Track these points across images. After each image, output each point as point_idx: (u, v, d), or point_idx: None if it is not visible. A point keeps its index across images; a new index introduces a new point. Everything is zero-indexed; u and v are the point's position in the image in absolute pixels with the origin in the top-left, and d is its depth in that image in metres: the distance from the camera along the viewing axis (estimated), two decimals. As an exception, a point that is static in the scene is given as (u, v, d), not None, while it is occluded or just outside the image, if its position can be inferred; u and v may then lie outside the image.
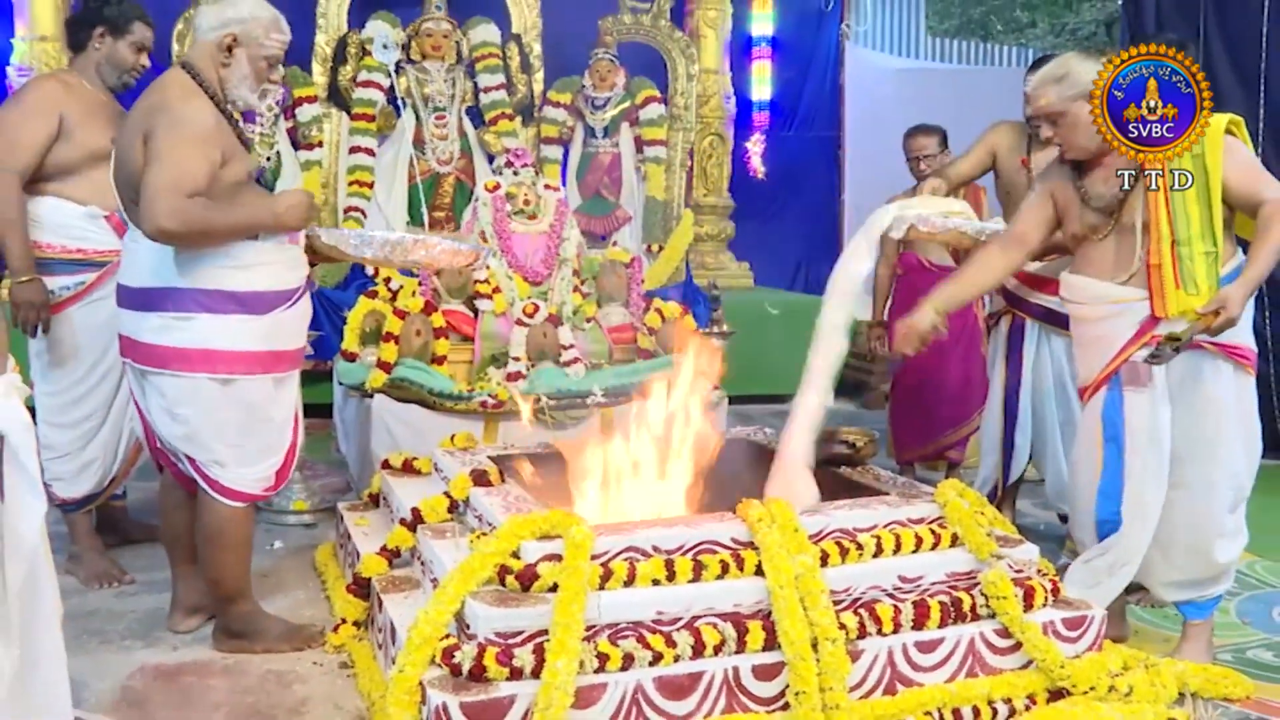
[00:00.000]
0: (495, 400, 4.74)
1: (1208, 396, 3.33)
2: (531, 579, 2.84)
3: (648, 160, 8.13)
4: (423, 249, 3.66)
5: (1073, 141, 3.44)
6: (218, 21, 3.36)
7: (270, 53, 3.43)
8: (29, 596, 2.24)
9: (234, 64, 3.36)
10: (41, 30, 7.05)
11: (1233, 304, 3.17)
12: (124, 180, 3.28)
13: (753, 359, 7.22)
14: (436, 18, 7.55)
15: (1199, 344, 3.27)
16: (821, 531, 3.13)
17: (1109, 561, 3.45)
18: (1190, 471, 3.37)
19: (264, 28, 3.40)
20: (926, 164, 5.29)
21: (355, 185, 7.37)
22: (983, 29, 18.14)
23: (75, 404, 4.06)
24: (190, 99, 3.24)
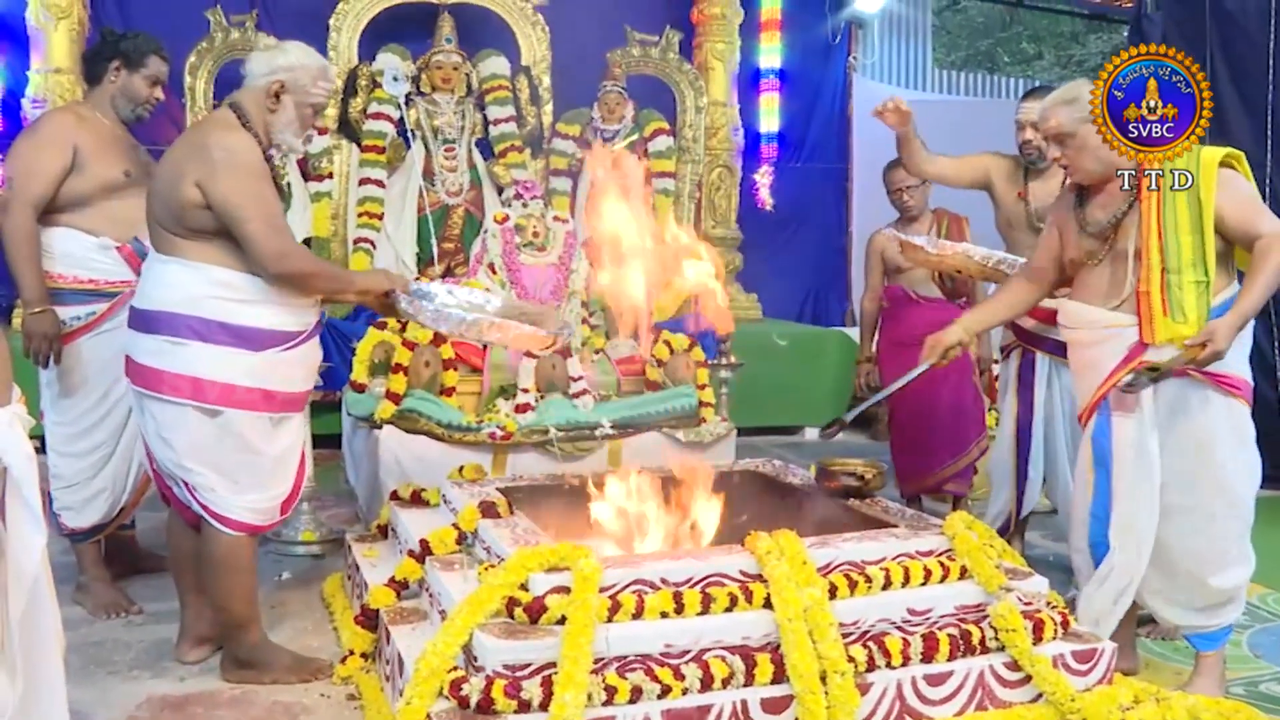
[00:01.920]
0: (504, 432, 4.75)
1: (1196, 425, 3.33)
2: (540, 611, 2.83)
3: (656, 192, 8.15)
4: (498, 331, 3.59)
5: (1079, 164, 3.46)
6: (267, 68, 3.43)
7: (316, 100, 3.51)
8: (30, 628, 2.23)
9: (280, 110, 3.43)
10: (56, 63, 7.13)
11: (1219, 338, 3.18)
12: (160, 205, 3.30)
13: (761, 390, 7.23)
14: (446, 50, 7.61)
15: (1187, 373, 3.27)
16: (830, 564, 3.12)
17: (1109, 590, 3.45)
18: (1182, 499, 3.36)
19: (311, 76, 3.48)
20: (909, 195, 5.30)
21: (365, 216, 7.40)
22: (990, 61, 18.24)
23: (85, 434, 4.07)
24: (241, 137, 3.31)
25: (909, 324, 5.27)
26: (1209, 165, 3.26)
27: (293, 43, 3.59)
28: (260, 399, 3.33)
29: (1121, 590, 3.44)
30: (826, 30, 9.88)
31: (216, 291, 3.25)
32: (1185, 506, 3.37)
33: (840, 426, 4.02)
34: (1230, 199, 3.27)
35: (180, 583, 3.67)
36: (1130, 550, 3.41)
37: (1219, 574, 3.39)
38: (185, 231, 3.26)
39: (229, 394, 3.28)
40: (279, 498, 3.47)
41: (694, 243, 3.74)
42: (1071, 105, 3.41)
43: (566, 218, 5.77)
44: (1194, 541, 3.38)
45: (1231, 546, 3.40)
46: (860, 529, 3.44)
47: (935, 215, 5.36)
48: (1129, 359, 3.35)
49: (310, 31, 7.35)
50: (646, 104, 8.21)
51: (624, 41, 8.21)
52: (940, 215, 5.35)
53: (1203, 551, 3.38)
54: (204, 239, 3.26)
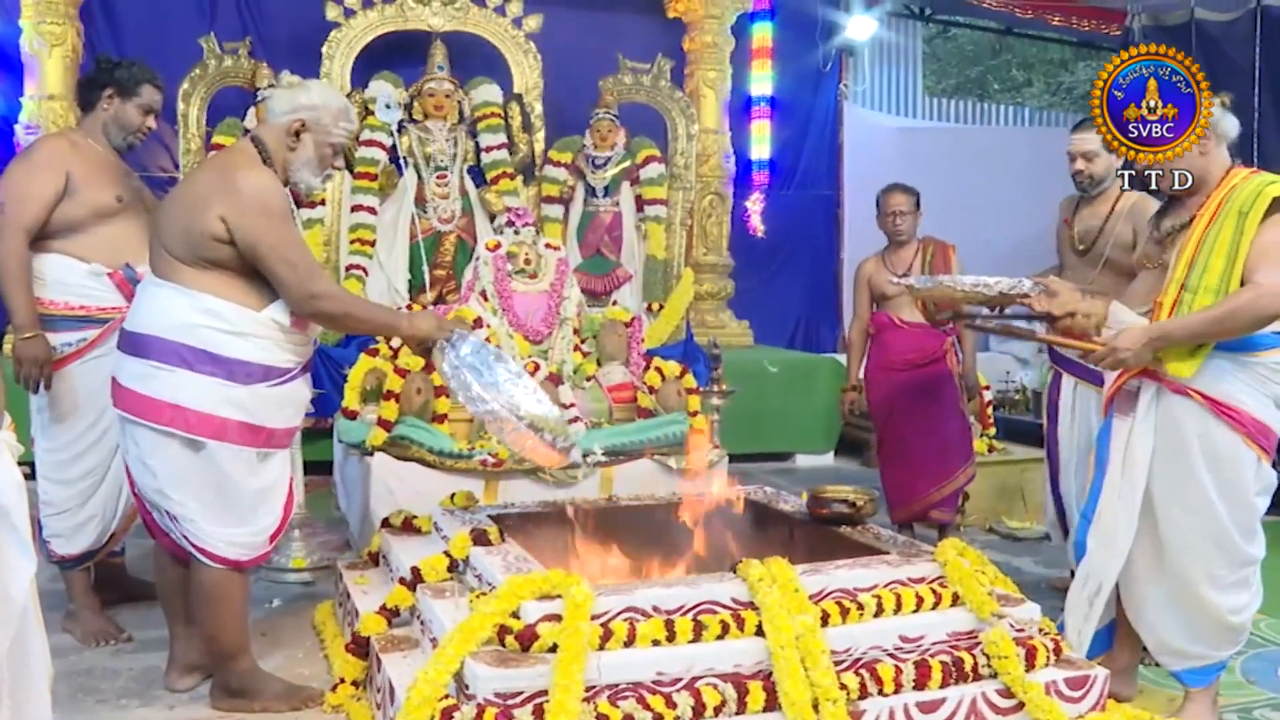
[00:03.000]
0: (495, 459, 4.75)
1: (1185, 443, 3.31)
2: (531, 639, 2.83)
3: (648, 219, 8.17)
4: (514, 436, 3.49)
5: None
6: (289, 106, 3.43)
7: (336, 140, 3.51)
8: (17, 658, 2.23)
9: (300, 148, 3.44)
10: (50, 89, 7.16)
11: (1123, 342, 3.28)
12: (172, 231, 3.29)
13: (753, 417, 7.24)
14: (439, 78, 7.63)
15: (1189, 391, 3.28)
16: (822, 591, 3.12)
17: (1086, 593, 3.47)
18: (1164, 515, 3.36)
19: (333, 116, 3.48)
20: (901, 220, 5.34)
21: (357, 243, 7.41)
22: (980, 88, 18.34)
23: (75, 460, 4.06)
24: (267, 175, 3.32)
25: (894, 350, 5.33)
26: (1265, 198, 3.21)
27: (315, 81, 3.61)
28: (245, 433, 3.30)
29: (1095, 592, 3.45)
30: (818, 58, 9.95)
31: (207, 320, 3.23)
32: (1163, 522, 3.37)
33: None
34: (1261, 238, 3.21)
35: (169, 612, 3.65)
36: (1105, 552, 3.43)
37: (1211, 592, 3.35)
38: (193, 259, 3.24)
39: (212, 425, 3.24)
40: (264, 532, 3.42)
41: None
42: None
43: (558, 245, 5.79)
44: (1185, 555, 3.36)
45: (1220, 571, 3.36)
46: (852, 556, 3.45)
47: (922, 243, 5.40)
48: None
49: (303, 59, 7.42)
50: (638, 131, 8.24)
51: (616, 69, 8.24)
52: (927, 243, 5.39)
53: (1181, 572, 3.37)
54: (207, 268, 3.24)
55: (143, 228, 4.04)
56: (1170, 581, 3.41)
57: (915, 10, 11.12)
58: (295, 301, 3.27)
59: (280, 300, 3.30)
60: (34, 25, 7.15)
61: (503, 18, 7.93)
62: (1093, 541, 3.47)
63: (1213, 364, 3.25)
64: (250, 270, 3.26)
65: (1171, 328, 3.28)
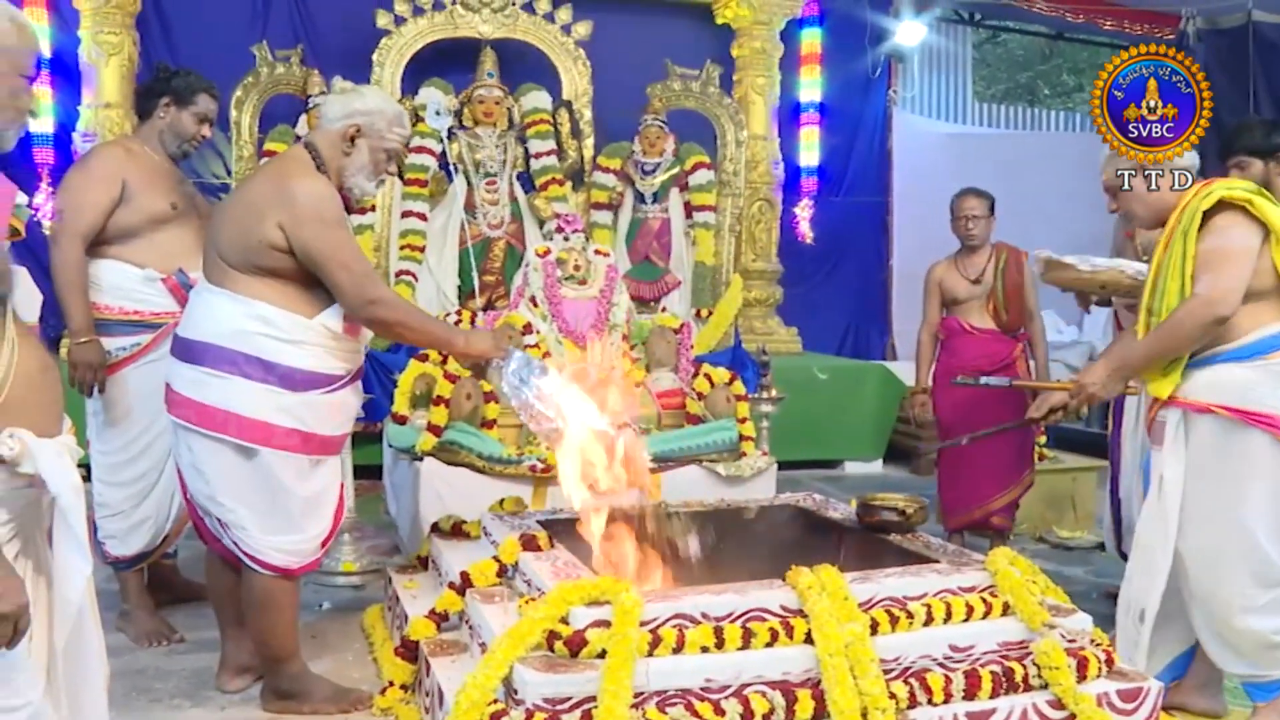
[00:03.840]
0: (544, 464, 4.75)
1: (1224, 461, 3.26)
2: (580, 645, 2.83)
3: (697, 225, 8.17)
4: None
5: (1131, 211, 3.51)
6: (344, 111, 3.45)
7: (390, 146, 3.52)
8: (74, 657, 2.26)
9: (355, 153, 3.45)
10: (107, 98, 7.27)
11: (1088, 383, 3.43)
12: (228, 237, 3.31)
13: (801, 424, 7.20)
14: (488, 84, 7.67)
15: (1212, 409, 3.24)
16: (872, 599, 3.10)
17: (1132, 616, 3.44)
18: (1203, 535, 3.31)
19: (387, 122, 3.49)
20: (974, 224, 5.29)
21: (407, 249, 7.45)
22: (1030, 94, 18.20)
23: (129, 463, 4.11)
24: (323, 183, 3.35)
25: (964, 355, 5.29)
26: (1197, 214, 3.23)
27: (370, 87, 3.64)
28: (297, 440, 3.32)
29: (1139, 617, 3.41)
30: (867, 64, 9.90)
31: (259, 328, 3.25)
32: (1202, 541, 3.31)
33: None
34: (1204, 246, 3.24)
35: (220, 614, 3.69)
36: (1143, 578, 3.40)
37: (1239, 619, 3.29)
38: (248, 267, 3.26)
39: (264, 432, 3.26)
40: (315, 539, 3.44)
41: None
42: (1120, 159, 3.45)
43: (607, 251, 5.80)
44: (1210, 578, 3.32)
45: (1253, 591, 3.28)
46: (902, 564, 3.42)
47: (995, 248, 5.36)
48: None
49: (354, 66, 7.47)
50: (687, 138, 8.24)
51: (664, 75, 8.25)
52: (1000, 248, 5.35)
53: (1217, 593, 3.31)
54: (260, 275, 3.27)
55: (196, 234, 4.09)
56: (1201, 608, 3.37)
57: (965, 15, 11.05)
58: (352, 307, 3.29)
59: (332, 308, 3.32)
60: (92, 35, 7.27)
61: (552, 24, 7.96)
62: (1132, 565, 3.45)
63: (1233, 375, 3.22)
64: (303, 278, 3.29)
65: (1129, 354, 3.41)
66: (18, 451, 2.04)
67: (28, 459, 2.05)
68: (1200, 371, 3.27)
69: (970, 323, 5.33)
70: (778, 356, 6.97)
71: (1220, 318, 3.21)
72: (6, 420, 2.05)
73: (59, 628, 2.20)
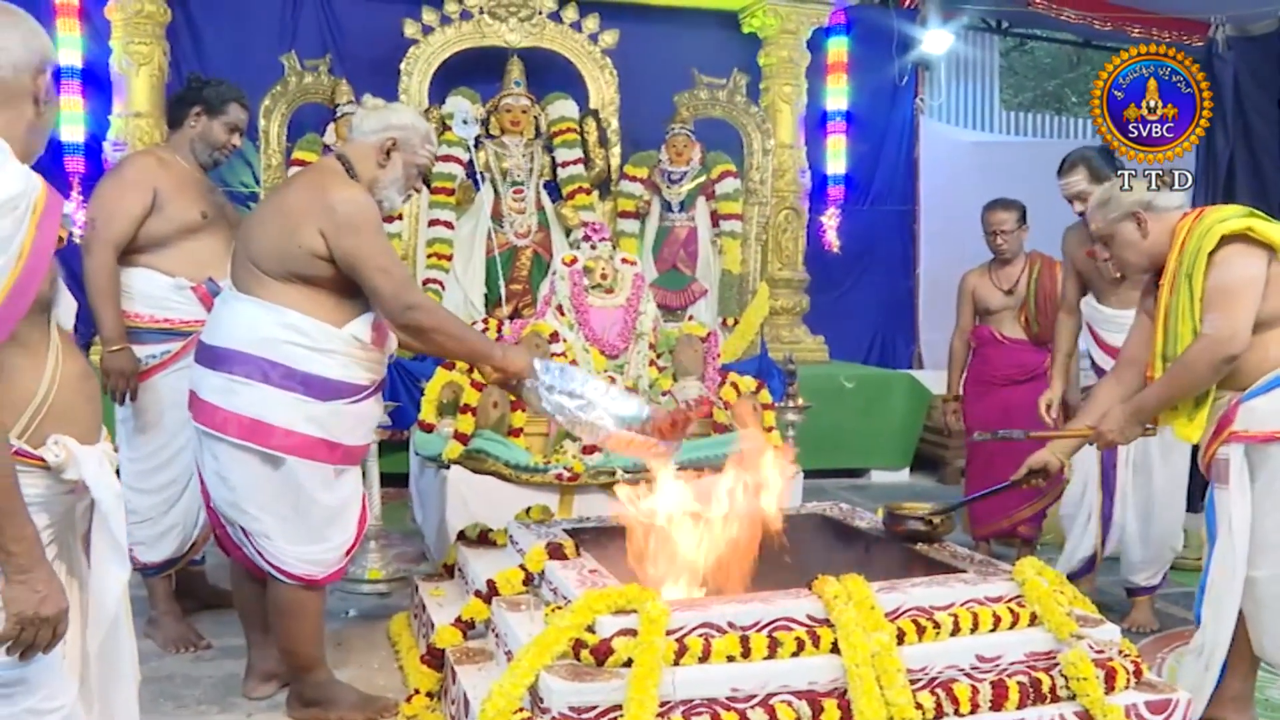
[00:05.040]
0: (571, 473, 4.76)
1: None
2: (606, 654, 2.83)
3: (723, 234, 8.17)
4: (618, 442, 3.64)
5: (1124, 259, 3.49)
6: (380, 125, 3.49)
7: (422, 162, 3.59)
8: (109, 660, 2.28)
9: (389, 167, 3.49)
10: (137, 107, 7.32)
11: (1106, 427, 3.45)
12: (264, 245, 3.33)
13: (828, 433, 7.18)
14: (515, 93, 7.70)
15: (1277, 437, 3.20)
16: (898, 609, 3.09)
17: (1201, 662, 3.39)
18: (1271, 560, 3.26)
19: (421, 138, 3.56)
20: (1004, 239, 5.28)
21: (434, 258, 7.48)
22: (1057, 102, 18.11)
23: (158, 470, 4.14)
24: (362, 192, 3.37)
25: (994, 365, 5.28)
26: (1202, 254, 3.21)
27: (400, 104, 3.67)
28: (323, 449, 3.33)
29: (1208, 661, 3.36)
30: (893, 72, 9.87)
31: (288, 336, 3.26)
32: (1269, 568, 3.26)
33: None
34: (1209, 284, 3.22)
35: (246, 622, 3.71)
36: (1216, 624, 3.35)
37: None
38: (284, 274, 3.28)
39: (291, 441, 3.28)
40: (339, 549, 3.45)
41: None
42: (1105, 207, 3.45)
43: (634, 260, 5.79)
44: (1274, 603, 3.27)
45: None
46: (928, 574, 3.41)
47: (1029, 258, 5.35)
48: (1218, 432, 3.31)
49: (382, 75, 7.52)
50: (714, 146, 8.24)
51: (691, 84, 8.25)
52: (1034, 258, 5.34)
53: None
54: (293, 283, 3.29)
55: (226, 243, 4.12)
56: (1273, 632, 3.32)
57: (992, 24, 11.00)
58: (390, 312, 3.31)
59: (360, 318, 3.34)
60: (123, 45, 7.32)
61: (579, 33, 7.97)
62: (1206, 612, 3.39)
63: None
64: (336, 286, 3.31)
65: (1145, 398, 3.40)
66: (63, 459, 2.07)
67: (72, 466, 2.08)
68: (1259, 400, 3.22)
69: (1002, 332, 5.33)
70: (804, 365, 6.95)
71: (1230, 356, 3.20)
72: (51, 427, 2.08)
73: (94, 632, 2.22)
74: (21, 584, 1.96)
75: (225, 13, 8.00)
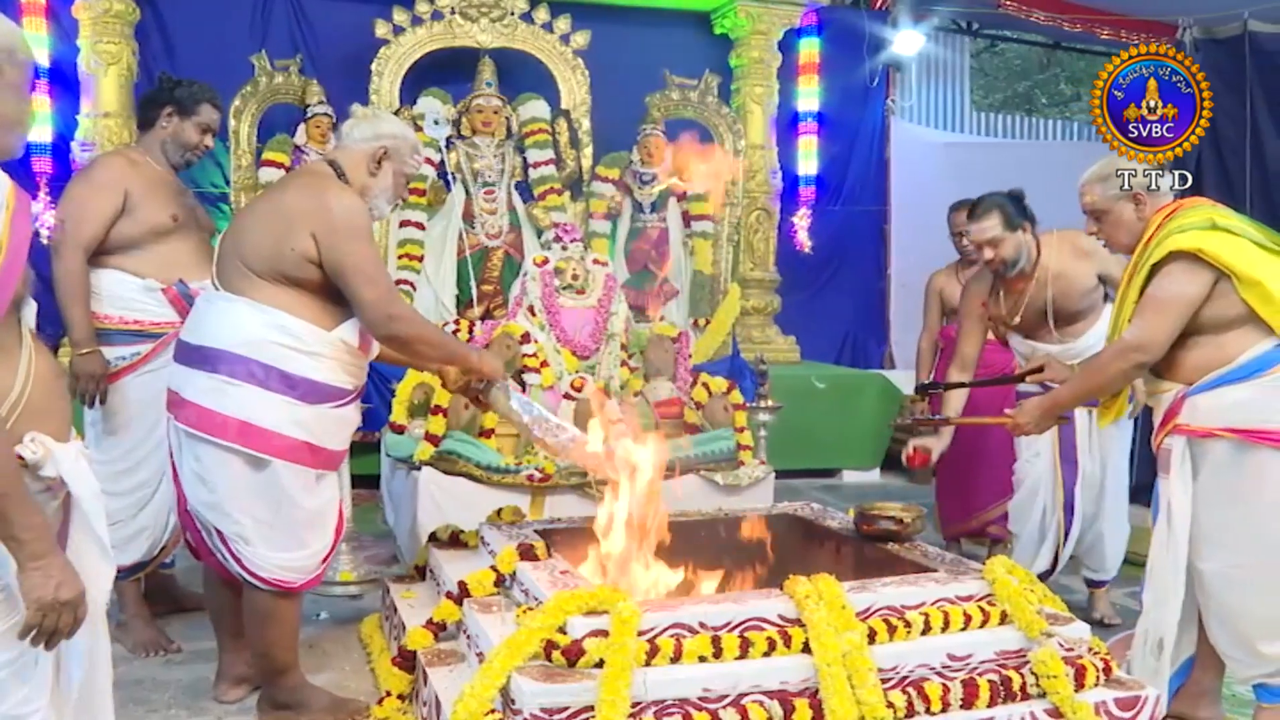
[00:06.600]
0: (542, 474, 4.76)
1: (1239, 483, 3.24)
2: (578, 655, 2.83)
3: (695, 235, 8.19)
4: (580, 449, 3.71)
5: (1115, 238, 3.52)
6: (372, 134, 3.50)
7: (410, 171, 3.60)
8: (90, 661, 2.26)
9: (380, 175, 3.50)
10: (105, 107, 7.26)
11: (1022, 416, 3.62)
12: (255, 246, 3.31)
13: (800, 433, 7.20)
14: (487, 94, 7.69)
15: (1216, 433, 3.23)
16: (869, 609, 3.11)
17: (1149, 646, 3.41)
18: (1224, 558, 3.28)
19: (410, 147, 3.57)
20: (969, 240, 5.29)
21: (405, 258, 7.47)
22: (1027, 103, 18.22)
23: (128, 472, 4.11)
24: (356, 198, 3.38)
25: None
26: (1151, 261, 3.27)
27: (387, 113, 3.70)
28: (307, 453, 3.32)
29: (1158, 644, 3.39)
30: (864, 74, 9.90)
31: (280, 338, 3.25)
32: (1227, 566, 3.28)
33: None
34: (1148, 290, 3.29)
35: (218, 626, 3.68)
36: (1159, 609, 3.38)
37: (1269, 641, 3.26)
38: (274, 275, 3.27)
39: (279, 444, 3.26)
40: (316, 555, 3.43)
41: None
42: (1105, 182, 3.46)
43: (606, 260, 5.80)
44: (1238, 602, 3.29)
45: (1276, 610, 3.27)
46: (899, 573, 3.43)
47: None
48: (1165, 422, 3.35)
49: (353, 76, 7.50)
50: (685, 147, 8.26)
51: (663, 85, 8.27)
52: None
53: (1249, 613, 3.28)
54: (285, 285, 3.27)
55: (196, 245, 4.11)
56: (1226, 627, 3.34)
57: (962, 25, 11.05)
58: (373, 321, 3.30)
59: (349, 322, 3.34)
60: (91, 44, 7.26)
61: (550, 34, 7.97)
62: (1147, 598, 3.43)
63: (1235, 396, 3.20)
64: (325, 290, 3.30)
65: (1060, 394, 3.56)
66: (41, 455, 2.06)
67: (50, 462, 2.07)
68: (1201, 397, 3.25)
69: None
70: (775, 365, 6.96)
71: (1141, 364, 3.31)
72: (27, 424, 2.07)
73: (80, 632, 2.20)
74: (37, 570, 1.97)
75: (195, 12, 7.94)
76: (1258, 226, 3.32)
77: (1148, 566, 3.47)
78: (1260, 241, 3.24)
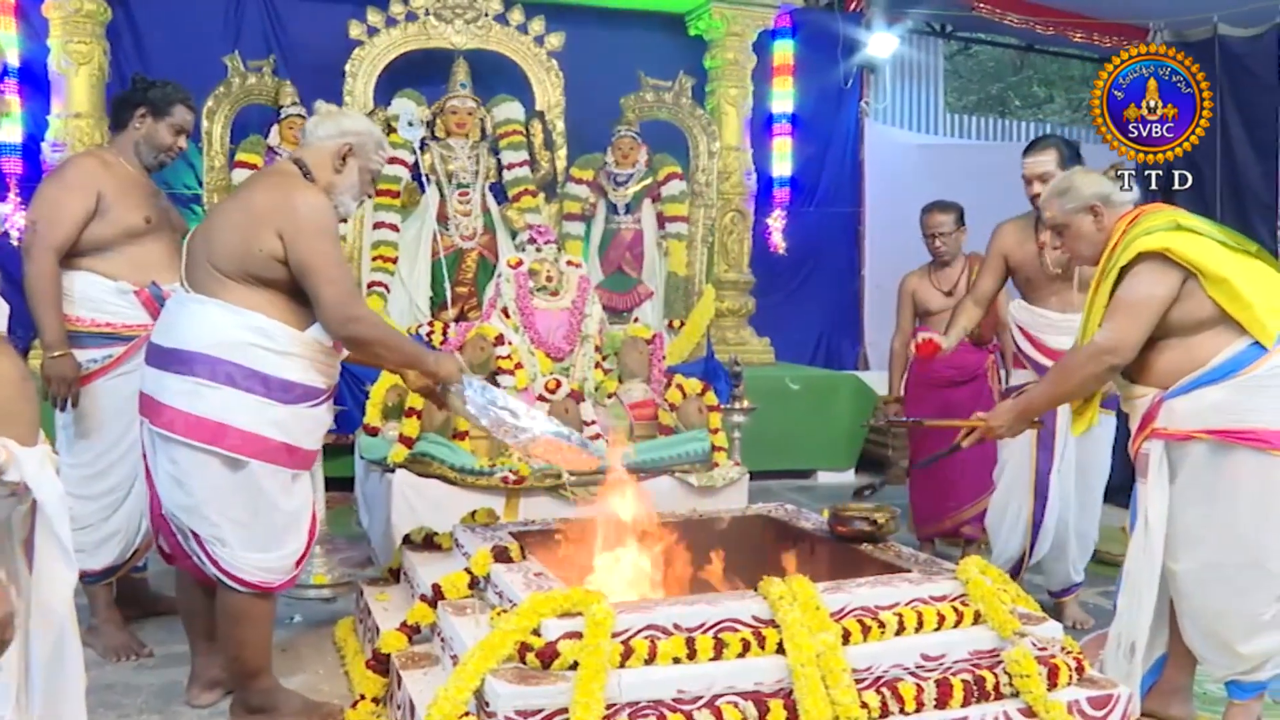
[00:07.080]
0: (517, 476, 4.75)
1: (1215, 484, 3.26)
2: (552, 657, 2.83)
3: (669, 236, 8.19)
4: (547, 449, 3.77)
5: (1077, 251, 3.55)
6: (336, 130, 3.49)
7: (375, 167, 3.60)
8: (54, 666, 2.24)
9: (346, 172, 3.50)
10: (76, 108, 7.19)
11: (994, 420, 3.63)
12: (223, 247, 3.30)
13: (774, 434, 7.22)
14: (461, 95, 7.68)
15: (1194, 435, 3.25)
16: (843, 609, 3.11)
17: (1122, 649, 3.43)
18: (1201, 558, 3.30)
19: (375, 143, 3.57)
20: (942, 241, 5.34)
21: (379, 260, 7.44)
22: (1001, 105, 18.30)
23: (100, 476, 4.08)
24: (322, 198, 3.37)
25: (935, 366, 5.30)
26: (1118, 264, 3.30)
27: (351, 110, 3.70)
28: (284, 453, 3.32)
29: (1130, 647, 3.41)
30: (839, 75, 9.93)
31: (253, 339, 3.24)
32: (1203, 566, 3.30)
33: (873, 490, 4.03)
34: (1117, 293, 3.31)
35: (191, 630, 3.67)
36: (1132, 611, 3.41)
37: (1246, 640, 3.29)
38: (244, 276, 3.26)
39: (255, 444, 3.25)
40: (291, 556, 3.43)
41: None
42: (1064, 196, 3.50)
43: (580, 262, 5.80)
44: (1215, 602, 3.31)
45: (1262, 610, 3.28)
46: (873, 574, 3.44)
47: (969, 260, 5.39)
48: (1142, 427, 3.37)
49: (326, 77, 7.46)
50: (660, 149, 8.26)
51: (637, 87, 8.26)
52: (974, 260, 5.37)
53: (1226, 613, 3.30)
54: (256, 287, 3.27)
55: (169, 247, 4.09)
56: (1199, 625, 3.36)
57: (936, 27, 11.09)
58: (332, 322, 3.29)
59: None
60: (62, 44, 7.19)
61: (525, 35, 7.95)
62: (1122, 601, 3.45)
63: (1211, 398, 3.21)
64: (293, 290, 3.29)
65: (1033, 397, 3.59)
66: (4, 459, 2.04)
67: (14, 467, 2.05)
68: (1178, 401, 3.26)
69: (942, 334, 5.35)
70: (750, 367, 6.97)
71: (1113, 366, 3.32)
72: None
73: (42, 638, 2.18)
74: None
75: (167, 12, 7.89)
76: (1220, 228, 3.35)
77: (1124, 570, 3.48)
78: (1224, 241, 3.27)
